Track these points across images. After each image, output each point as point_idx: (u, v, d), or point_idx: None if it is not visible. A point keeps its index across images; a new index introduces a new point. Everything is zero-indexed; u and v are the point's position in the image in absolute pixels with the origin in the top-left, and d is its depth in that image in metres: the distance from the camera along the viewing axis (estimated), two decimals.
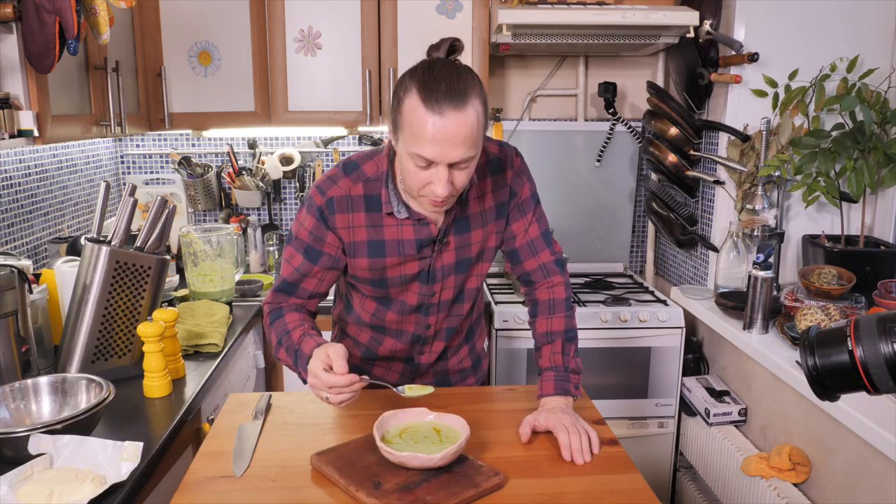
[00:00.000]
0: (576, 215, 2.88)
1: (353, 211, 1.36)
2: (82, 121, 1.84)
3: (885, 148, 2.03)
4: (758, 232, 2.27)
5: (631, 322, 2.37)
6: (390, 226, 1.38)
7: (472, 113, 1.18)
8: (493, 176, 1.43)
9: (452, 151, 1.18)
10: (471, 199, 1.41)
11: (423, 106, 1.16)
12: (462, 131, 1.17)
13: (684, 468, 2.54)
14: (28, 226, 2.10)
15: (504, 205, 1.46)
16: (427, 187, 1.24)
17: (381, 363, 1.61)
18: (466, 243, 1.43)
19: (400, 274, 1.42)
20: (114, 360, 1.60)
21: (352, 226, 1.37)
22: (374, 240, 1.38)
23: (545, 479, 1.16)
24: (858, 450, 1.61)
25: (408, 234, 1.38)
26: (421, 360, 1.59)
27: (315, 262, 1.40)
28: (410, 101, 1.19)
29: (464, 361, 1.66)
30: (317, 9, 2.41)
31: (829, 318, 1.85)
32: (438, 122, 1.16)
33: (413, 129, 1.18)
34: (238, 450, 1.24)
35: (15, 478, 1.10)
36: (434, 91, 1.17)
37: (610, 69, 2.85)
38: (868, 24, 2.26)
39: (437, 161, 1.19)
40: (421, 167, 1.21)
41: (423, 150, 1.18)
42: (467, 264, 1.46)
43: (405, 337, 1.54)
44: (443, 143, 1.17)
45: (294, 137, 2.84)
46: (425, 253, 1.40)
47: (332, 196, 1.36)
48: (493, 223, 1.45)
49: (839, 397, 0.92)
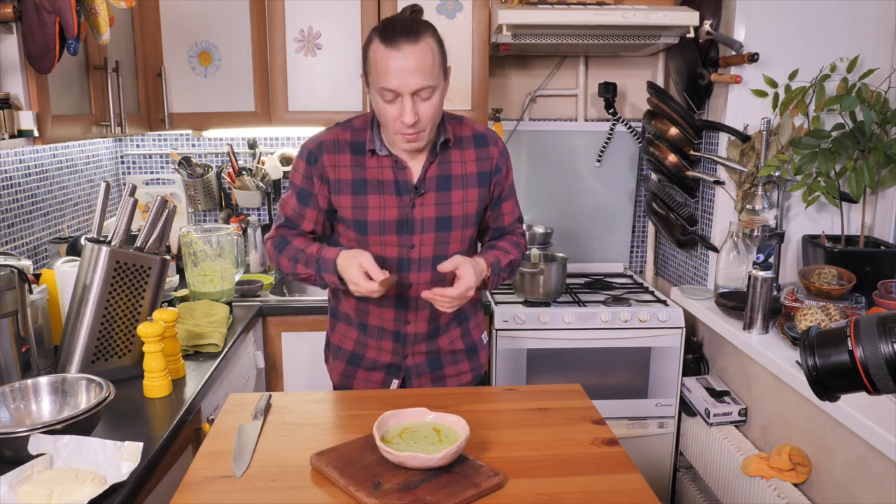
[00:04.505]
0: (576, 215, 2.88)
1: (339, 152, 1.55)
2: (82, 121, 1.84)
3: (885, 148, 2.03)
4: (758, 232, 2.27)
5: (631, 322, 2.37)
6: (372, 168, 1.54)
7: (425, 46, 1.39)
8: (476, 147, 1.59)
9: (411, 80, 1.38)
10: (452, 161, 1.56)
11: (383, 45, 1.38)
12: (418, 61, 1.38)
13: (684, 468, 2.54)
14: (28, 226, 2.10)
15: (486, 175, 1.59)
16: (397, 122, 1.42)
17: (372, 343, 1.65)
18: (447, 201, 1.56)
19: (380, 218, 1.54)
20: (114, 360, 1.60)
21: (338, 165, 1.54)
22: (357, 178, 1.54)
23: (545, 479, 1.16)
24: (858, 450, 1.61)
25: (387, 175, 1.54)
26: (408, 330, 1.63)
27: (306, 203, 1.58)
28: (373, 46, 1.41)
29: (455, 343, 1.69)
30: (317, 9, 2.41)
31: (830, 319, 1.85)
32: (396, 55, 1.37)
33: (377, 68, 1.40)
34: (238, 450, 1.24)
35: (15, 478, 1.10)
36: (391, 32, 1.38)
37: (610, 69, 2.85)
38: (868, 24, 2.26)
39: (399, 91, 1.39)
40: (389, 101, 1.41)
41: (388, 82, 1.38)
42: (447, 223, 1.56)
43: (388, 301, 1.59)
44: (403, 74, 1.37)
45: (294, 137, 2.84)
46: (405, 200, 1.53)
47: (323, 140, 1.56)
48: (475, 189, 1.58)
49: (839, 397, 0.92)
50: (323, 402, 1.47)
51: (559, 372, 2.39)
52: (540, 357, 2.37)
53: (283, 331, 2.32)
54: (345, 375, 1.72)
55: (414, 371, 1.68)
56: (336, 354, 1.73)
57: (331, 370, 1.76)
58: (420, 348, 1.66)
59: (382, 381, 1.69)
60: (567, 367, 2.39)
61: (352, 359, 1.70)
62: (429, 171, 1.55)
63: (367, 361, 1.68)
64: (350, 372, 1.71)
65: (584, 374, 2.38)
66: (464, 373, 1.72)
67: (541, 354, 2.37)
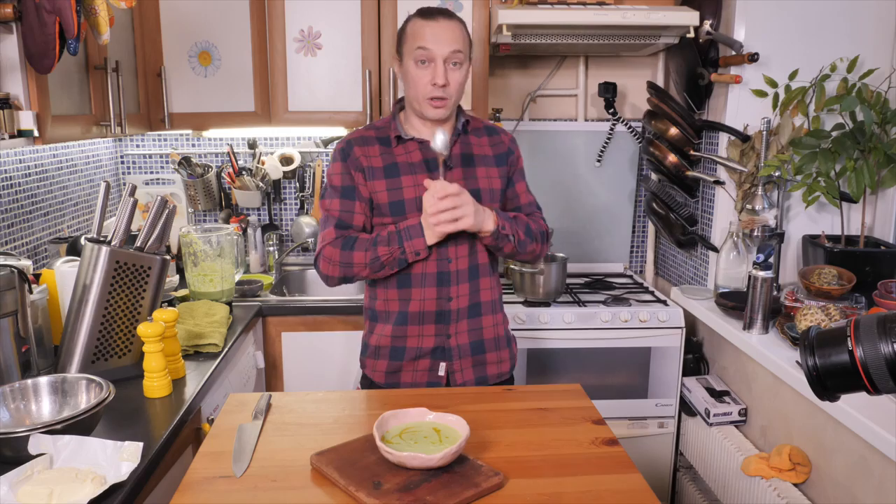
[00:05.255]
0: (576, 215, 2.88)
1: (368, 145, 1.66)
2: (82, 121, 1.84)
3: (885, 148, 2.03)
4: (758, 232, 2.27)
5: (631, 322, 2.37)
6: (400, 154, 1.65)
7: (459, 23, 1.60)
8: (489, 136, 1.74)
9: (446, 45, 1.56)
10: (472, 143, 1.70)
11: (421, 18, 1.59)
12: (453, 32, 1.57)
13: (684, 468, 2.54)
14: (28, 226, 2.10)
15: (503, 156, 1.73)
16: (428, 87, 1.57)
17: (412, 332, 1.66)
18: (472, 176, 1.67)
19: (415, 196, 1.61)
20: (114, 360, 1.60)
21: (368, 155, 1.65)
22: (388, 164, 1.64)
23: (545, 480, 1.16)
24: (858, 450, 1.61)
25: (416, 157, 1.65)
26: (451, 306, 1.64)
27: (353, 198, 1.64)
28: (412, 23, 1.60)
29: (498, 328, 1.73)
30: (317, 9, 2.41)
31: (829, 319, 1.85)
32: (433, 24, 1.57)
33: (415, 34, 1.58)
34: (238, 450, 1.24)
35: (15, 478, 1.10)
36: (429, 10, 1.60)
37: (610, 69, 2.85)
38: (868, 24, 2.26)
39: (434, 50, 1.55)
40: (423, 65, 1.57)
41: (424, 42, 1.55)
42: (477, 195, 1.63)
43: (430, 280, 1.63)
44: (439, 37, 1.55)
45: (294, 137, 2.84)
46: (436, 177, 1.58)
47: (350, 138, 1.67)
48: (495, 168, 1.71)
49: (839, 397, 0.92)
50: (323, 402, 1.47)
51: (559, 372, 2.39)
52: (540, 357, 2.37)
53: (283, 331, 2.32)
54: (389, 373, 1.69)
55: (457, 352, 1.67)
56: (376, 354, 1.70)
57: (372, 372, 1.72)
58: (462, 326, 1.67)
59: (430, 368, 1.68)
60: (567, 367, 2.39)
61: (394, 354, 1.68)
62: (453, 148, 1.67)
63: (410, 352, 1.67)
64: (394, 367, 1.68)
65: (584, 374, 2.38)
66: (504, 360, 1.74)
67: (541, 354, 2.37)
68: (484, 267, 1.69)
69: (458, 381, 1.68)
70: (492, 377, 1.72)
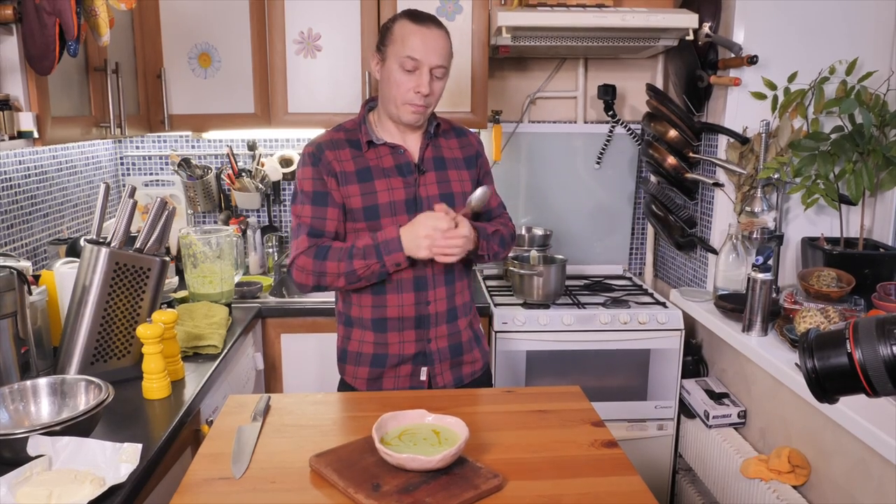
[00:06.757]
0: (575, 217, 2.88)
1: (339, 149, 1.63)
2: (82, 122, 1.84)
3: (883, 150, 2.03)
4: (757, 234, 2.27)
5: (630, 324, 2.37)
6: (372, 158, 1.63)
7: (446, 35, 1.58)
8: (458, 137, 1.76)
9: (434, 56, 1.55)
10: (443, 146, 1.70)
11: (412, 23, 1.55)
12: (441, 43, 1.56)
13: (683, 470, 2.54)
14: (28, 227, 2.10)
15: (472, 158, 1.74)
16: (410, 93, 1.55)
17: (393, 339, 1.65)
18: (446, 179, 1.68)
19: (390, 200, 1.61)
20: (113, 361, 1.60)
21: (340, 159, 1.62)
22: (360, 168, 1.62)
23: (544, 481, 1.16)
24: (858, 452, 1.61)
25: (387, 161, 1.64)
26: (429, 311, 1.65)
27: (324, 203, 1.61)
28: (400, 24, 1.56)
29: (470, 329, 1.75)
30: (316, 11, 2.41)
31: (829, 321, 1.85)
32: (425, 31, 1.55)
33: (403, 39, 1.54)
34: (237, 451, 1.24)
35: (14, 479, 1.10)
36: (419, 14, 1.57)
37: (609, 71, 2.85)
38: (867, 26, 2.26)
39: (422, 60, 1.54)
40: (408, 71, 1.55)
41: (415, 52, 1.53)
42: (451, 199, 1.64)
43: (406, 285, 1.62)
44: (429, 48, 1.54)
45: (294, 139, 2.84)
46: (410, 181, 1.62)
47: (320, 142, 1.64)
48: (465, 171, 1.72)
49: (838, 400, 0.92)
50: (322, 404, 1.47)
51: (558, 374, 2.39)
52: (539, 359, 2.37)
53: (283, 332, 2.32)
54: (371, 380, 1.69)
55: (437, 356, 1.68)
56: (356, 361, 1.69)
57: (352, 379, 1.71)
58: (442, 331, 1.68)
59: (412, 374, 1.68)
60: (566, 369, 2.39)
61: (375, 361, 1.67)
62: (426, 152, 1.67)
63: (391, 359, 1.67)
64: (376, 374, 1.68)
65: (584, 376, 2.38)
66: (477, 360, 1.76)
67: (540, 356, 2.37)
68: (460, 270, 1.71)
69: (438, 384, 1.70)
70: (466, 376, 1.75)
